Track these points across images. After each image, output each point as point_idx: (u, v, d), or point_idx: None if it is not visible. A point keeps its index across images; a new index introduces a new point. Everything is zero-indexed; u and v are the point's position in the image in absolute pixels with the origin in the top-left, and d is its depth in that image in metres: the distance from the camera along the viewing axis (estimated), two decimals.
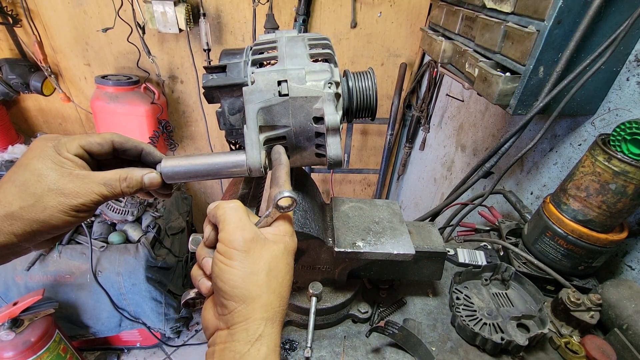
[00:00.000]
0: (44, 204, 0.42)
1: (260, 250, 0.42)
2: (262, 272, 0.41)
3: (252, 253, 0.41)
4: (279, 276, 0.42)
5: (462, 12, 1.04)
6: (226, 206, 0.44)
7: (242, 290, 0.40)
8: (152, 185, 0.50)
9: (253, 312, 0.40)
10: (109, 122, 1.89)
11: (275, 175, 0.48)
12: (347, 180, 2.59)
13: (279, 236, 0.45)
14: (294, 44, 0.56)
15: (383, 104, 2.14)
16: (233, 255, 0.41)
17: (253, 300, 0.40)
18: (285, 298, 0.43)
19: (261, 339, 0.39)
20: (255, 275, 0.41)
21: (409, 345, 0.66)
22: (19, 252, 0.45)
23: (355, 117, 0.60)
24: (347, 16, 1.88)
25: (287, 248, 0.44)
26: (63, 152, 0.44)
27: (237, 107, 0.55)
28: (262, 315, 0.40)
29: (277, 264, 0.42)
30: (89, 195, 0.44)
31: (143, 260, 1.72)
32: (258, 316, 0.40)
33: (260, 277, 0.41)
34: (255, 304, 0.40)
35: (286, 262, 0.44)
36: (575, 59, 0.76)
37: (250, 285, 0.40)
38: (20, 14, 1.77)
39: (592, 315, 0.72)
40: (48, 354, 1.55)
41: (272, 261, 0.42)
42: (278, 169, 0.49)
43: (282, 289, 0.42)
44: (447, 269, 0.91)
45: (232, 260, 0.41)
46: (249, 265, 0.41)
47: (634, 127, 0.64)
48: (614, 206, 0.70)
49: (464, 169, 1.59)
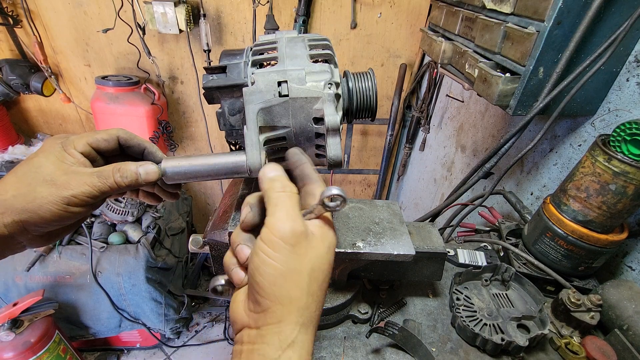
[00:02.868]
0: (35, 194, 0.41)
1: (307, 247, 0.38)
2: (306, 271, 0.37)
3: (298, 248, 0.37)
4: (320, 278, 0.39)
5: (462, 13, 1.04)
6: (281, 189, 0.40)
7: (280, 289, 0.36)
8: (148, 177, 0.48)
9: (289, 314, 0.36)
10: (109, 123, 1.89)
11: (305, 173, 0.44)
12: (347, 180, 2.59)
13: (324, 230, 0.40)
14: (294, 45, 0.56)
15: (383, 104, 2.14)
16: (279, 246, 0.37)
17: (291, 301, 0.36)
18: (322, 302, 0.39)
19: (294, 345, 0.35)
20: (299, 274, 0.37)
21: (409, 346, 0.66)
22: (12, 247, 0.44)
23: (355, 117, 0.60)
24: (347, 17, 1.88)
25: (330, 245, 0.40)
26: (69, 149, 0.45)
27: (237, 108, 0.55)
28: (297, 319, 0.36)
29: (320, 264, 0.39)
30: (80, 187, 0.43)
31: (143, 261, 1.72)
32: (293, 320, 0.36)
33: (303, 277, 0.37)
34: (292, 306, 0.36)
35: (329, 262, 0.40)
36: (575, 60, 0.76)
37: (290, 285, 0.36)
38: (21, 15, 1.77)
39: (593, 315, 0.72)
40: (48, 355, 1.55)
41: (316, 261, 0.38)
42: (304, 167, 0.45)
43: (320, 293, 0.39)
44: (447, 270, 0.90)
45: (277, 253, 0.37)
46: (293, 261, 0.37)
47: (634, 127, 0.64)
48: (614, 207, 0.70)
49: (464, 170, 1.59)
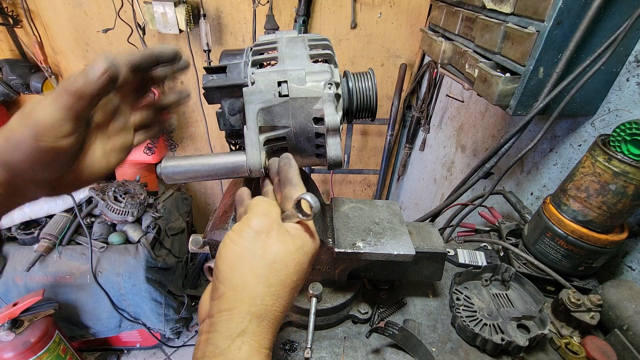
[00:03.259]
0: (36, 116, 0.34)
1: (274, 239, 0.38)
2: (265, 261, 0.37)
3: (263, 237, 0.38)
4: (282, 272, 0.38)
5: (462, 13, 1.04)
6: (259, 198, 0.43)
7: (235, 273, 0.37)
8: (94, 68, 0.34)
9: (241, 302, 0.36)
10: None
11: (288, 177, 0.46)
12: (347, 180, 2.59)
13: (300, 232, 0.41)
14: (294, 45, 0.56)
15: (383, 104, 2.14)
16: (244, 232, 0.38)
17: (244, 288, 0.36)
18: (282, 299, 0.38)
19: (244, 335, 0.35)
20: (257, 261, 0.37)
21: (409, 346, 0.66)
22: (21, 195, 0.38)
23: (355, 117, 0.60)
24: (347, 17, 1.88)
25: (304, 246, 0.41)
26: None
27: (237, 108, 0.55)
28: (249, 308, 0.36)
29: (285, 259, 0.38)
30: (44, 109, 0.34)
31: (143, 261, 1.71)
32: (245, 308, 0.35)
33: (261, 265, 0.37)
34: (245, 294, 0.36)
35: (297, 261, 0.39)
36: (575, 60, 0.76)
37: (247, 270, 0.37)
38: (21, 15, 1.77)
39: (593, 316, 0.71)
40: (48, 355, 1.55)
41: (281, 254, 0.38)
42: (289, 171, 0.47)
43: (281, 288, 0.38)
44: (447, 270, 0.90)
45: (240, 238, 0.38)
46: (255, 249, 0.37)
47: (634, 127, 0.64)
48: (614, 207, 0.70)
49: (464, 170, 1.58)
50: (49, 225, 1.66)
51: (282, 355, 0.68)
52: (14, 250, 1.64)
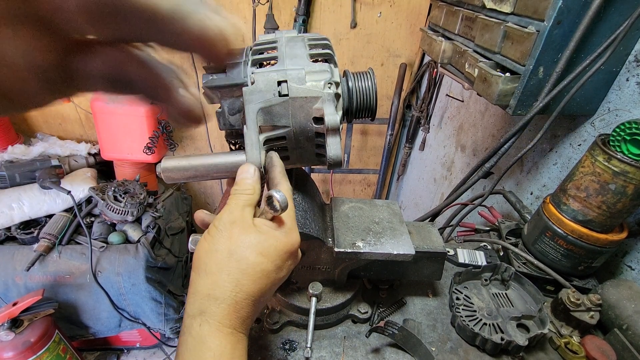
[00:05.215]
0: None
1: (238, 233, 0.42)
2: (225, 251, 0.41)
3: (225, 232, 0.42)
4: (242, 262, 0.41)
5: (462, 13, 1.04)
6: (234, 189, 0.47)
7: (201, 263, 0.42)
8: None
9: (202, 286, 0.40)
10: (109, 123, 1.89)
11: (271, 176, 0.50)
12: (347, 180, 2.59)
13: (267, 227, 0.44)
14: (294, 44, 0.56)
15: (383, 104, 2.14)
16: (211, 230, 0.43)
17: (207, 275, 0.41)
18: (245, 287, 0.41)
19: (203, 314, 0.39)
20: (218, 253, 0.41)
21: (409, 345, 0.66)
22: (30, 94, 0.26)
23: (355, 117, 0.60)
24: (347, 16, 1.88)
25: (269, 241, 0.43)
26: None
27: (237, 108, 0.55)
28: (208, 291, 0.40)
29: (245, 252, 0.41)
30: None
31: (143, 261, 1.71)
32: (204, 291, 0.40)
33: (221, 255, 0.41)
34: (207, 280, 0.40)
35: (259, 252, 0.42)
36: (575, 60, 0.76)
37: (209, 260, 0.41)
38: None
39: (592, 315, 0.72)
40: (48, 355, 1.55)
41: (242, 246, 0.42)
42: (272, 170, 0.51)
43: (242, 277, 0.41)
44: (447, 269, 0.91)
45: (209, 235, 0.43)
46: (218, 241, 0.42)
47: (633, 127, 0.64)
48: (613, 206, 0.70)
49: (463, 169, 1.59)
50: (48, 224, 1.66)
51: (282, 355, 0.68)
52: (13, 250, 1.64)
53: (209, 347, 0.38)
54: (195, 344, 0.38)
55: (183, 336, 0.39)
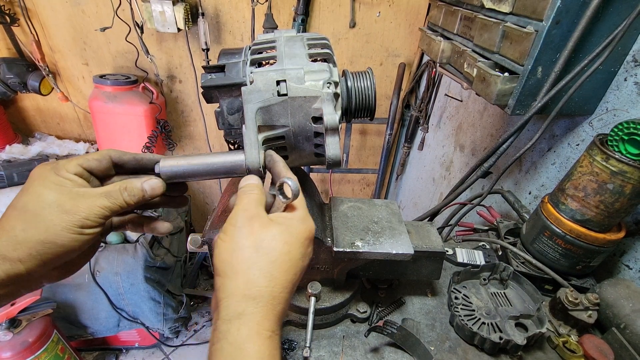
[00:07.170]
0: (46, 223, 0.39)
1: (257, 227, 0.42)
2: (251, 247, 0.40)
3: (245, 229, 0.41)
4: (271, 254, 0.41)
5: (461, 12, 1.04)
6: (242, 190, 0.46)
7: (227, 265, 0.40)
8: (154, 192, 0.48)
9: (236, 288, 0.39)
10: (107, 122, 1.88)
11: (275, 171, 0.49)
12: (345, 180, 2.59)
13: (284, 218, 0.44)
14: (293, 44, 0.56)
15: (382, 103, 2.15)
16: (229, 230, 0.42)
17: (236, 275, 0.39)
18: (279, 280, 0.40)
19: (241, 317, 0.37)
20: (244, 250, 0.40)
21: (408, 344, 0.66)
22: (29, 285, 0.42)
23: (354, 117, 0.60)
24: (346, 16, 1.88)
25: (289, 230, 0.43)
26: (62, 173, 0.43)
27: (236, 107, 0.55)
28: (244, 292, 0.38)
29: (271, 243, 0.41)
30: (92, 209, 0.42)
31: (141, 260, 1.71)
32: (240, 293, 0.38)
33: (247, 252, 0.40)
34: (239, 280, 0.39)
35: (285, 241, 0.42)
36: (574, 60, 0.76)
37: (235, 260, 0.40)
38: (18, 13, 1.76)
39: (590, 314, 0.72)
40: (46, 354, 1.55)
41: (266, 239, 0.41)
42: (275, 166, 0.50)
43: (274, 270, 0.40)
44: (446, 269, 0.91)
45: (227, 235, 0.42)
46: (239, 239, 0.41)
47: (631, 127, 0.65)
48: (611, 206, 0.70)
49: (462, 169, 1.59)
50: None
51: (282, 355, 0.68)
52: None
53: (248, 354, 0.36)
54: (233, 351, 0.36)
55: (218, 343, 0.37)
